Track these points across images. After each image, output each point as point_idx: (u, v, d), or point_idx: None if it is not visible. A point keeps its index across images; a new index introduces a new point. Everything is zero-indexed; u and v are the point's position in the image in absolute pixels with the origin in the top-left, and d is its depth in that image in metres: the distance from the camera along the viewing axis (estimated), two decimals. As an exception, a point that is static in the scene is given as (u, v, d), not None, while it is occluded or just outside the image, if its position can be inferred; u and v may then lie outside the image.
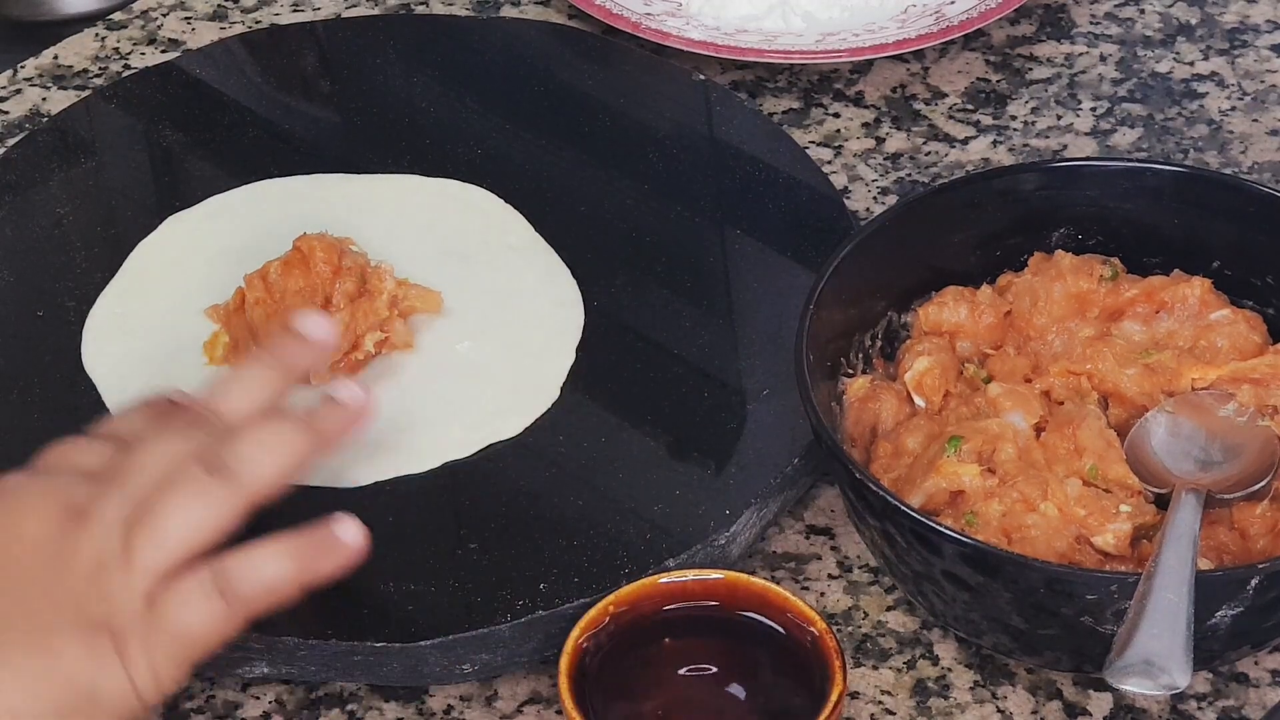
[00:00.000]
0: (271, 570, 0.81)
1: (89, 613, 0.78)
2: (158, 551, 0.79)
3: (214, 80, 1.18)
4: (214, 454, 0.81)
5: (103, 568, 0.79)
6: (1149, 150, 1.16)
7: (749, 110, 1.15)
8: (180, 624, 0.79)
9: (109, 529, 0.80)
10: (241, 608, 0.81)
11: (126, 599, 0.79)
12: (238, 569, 0.81)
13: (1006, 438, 0.90)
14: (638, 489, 0.94)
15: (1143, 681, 0.77)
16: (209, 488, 0.81)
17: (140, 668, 0.79)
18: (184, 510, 0.80)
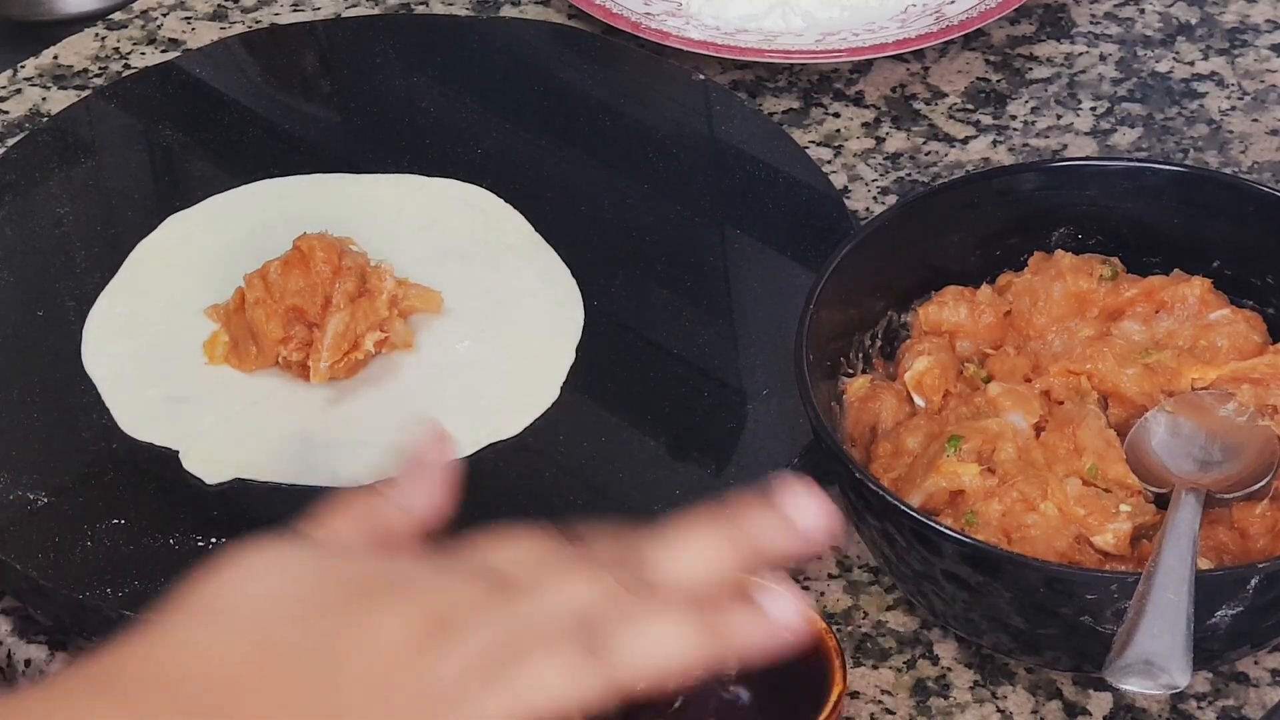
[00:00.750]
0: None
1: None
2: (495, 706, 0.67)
3: (214, 80, 1.18)
4: (602, 630, 0.68)
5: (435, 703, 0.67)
6: (1149, 150, 1.16)
7: (749, 110, 1.15)
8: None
9: (461, 663, 0.67)
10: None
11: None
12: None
13: (1006, 437, 0.90)
14: (638, 489, 0.94)
15: (1143, 681, 0.77)
16: (580, 669, 0.68)
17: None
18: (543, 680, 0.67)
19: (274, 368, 0.99)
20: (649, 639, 0.68)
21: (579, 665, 0.67)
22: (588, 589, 0.69)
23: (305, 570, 0.69)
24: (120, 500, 0.93)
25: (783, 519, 0.70)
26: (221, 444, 0.96)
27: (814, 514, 0.70)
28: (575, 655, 0.67)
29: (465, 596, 0.69)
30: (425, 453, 0.75)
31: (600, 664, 0.67)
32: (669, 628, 0.68)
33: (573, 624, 0.68)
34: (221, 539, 0.91)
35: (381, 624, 0.67)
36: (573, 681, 0.67)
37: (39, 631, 0.92)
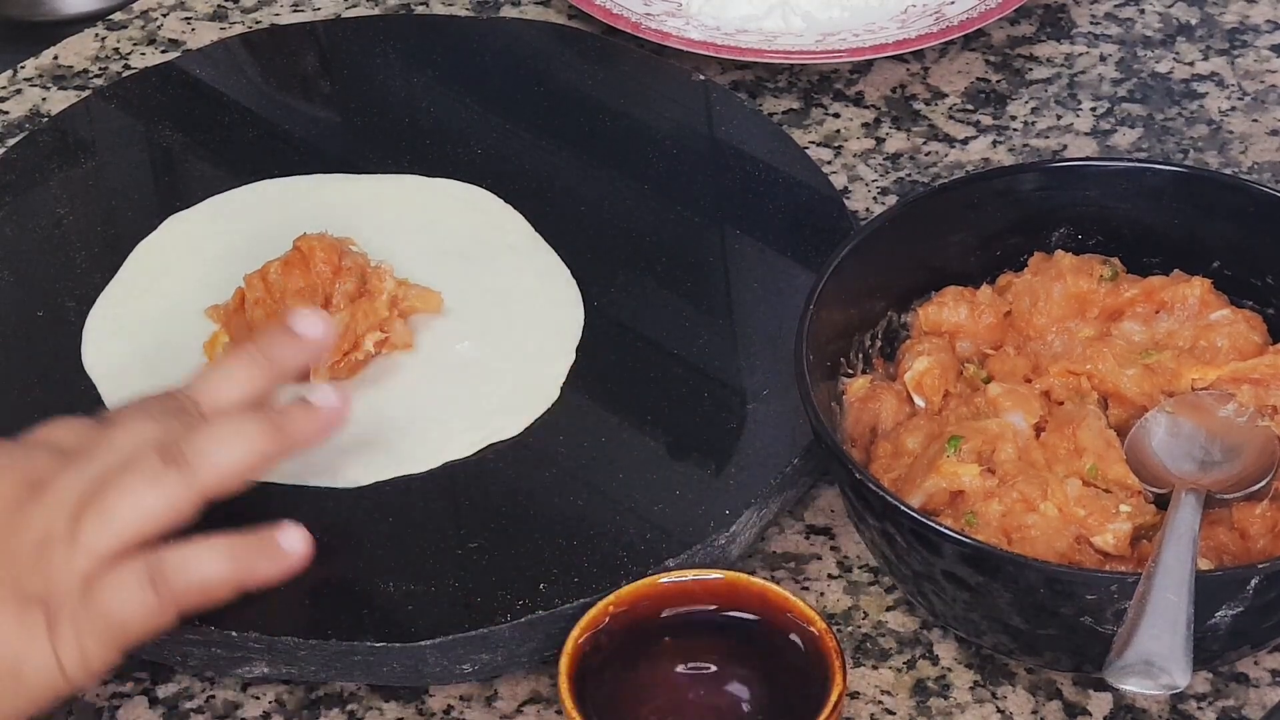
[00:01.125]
0: (207, 568, 0.82)
1: (27, 586, 0.79)
2: (102, 533, 0.80)
3: (214, 80, 1.18)
4: (174, 444, 0.82)
5: (47, 543, 0.80)
6: (1149, 150, 1.16)
7: (749, 110, 1.15)
8: (112, 609, 0.80)
9: (61, 504, 0.80)
10: (173, 602, 0.81)
11: (65, 577, 0.79)
12: (174, 563, 0.81)
13: (1006, 438, 0.90)
14: (638, 489, 0.94)
15: (1143, 681, 0.77)
16: (165, 477, 0.81)
17: (69, 647, 0.79)
18: (134, 496, 0.81)
19: (274, 368, 0.99)
20: (218, 440, 0.82)
21: (161, 477, 0.80)
22: (153, 424, 0.82)
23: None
24: (120, 500, 0.93)
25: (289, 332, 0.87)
26: (221, 444, 0.96)
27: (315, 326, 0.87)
28: (155, 469, 0.80)
29: (46, 462, 0.81)
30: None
31: (180, 471, 0.80)
32: (232, 427, 0.82)
33: (146, 449, 0.81)
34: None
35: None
36: (159, 492, 0.80)
37: (39, 631, 0.92)
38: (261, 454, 0.84)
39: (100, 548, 0.80)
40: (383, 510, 0.93)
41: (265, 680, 0.90)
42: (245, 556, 0.83)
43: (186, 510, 0.82)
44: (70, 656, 0.80)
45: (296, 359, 0.89)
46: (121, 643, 0.81)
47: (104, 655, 0.81)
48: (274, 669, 0.89)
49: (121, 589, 0.80)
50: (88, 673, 0.81)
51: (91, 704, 0.89)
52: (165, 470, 0.81)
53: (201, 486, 0.82)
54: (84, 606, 0.79)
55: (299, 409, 0.86)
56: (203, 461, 0.82)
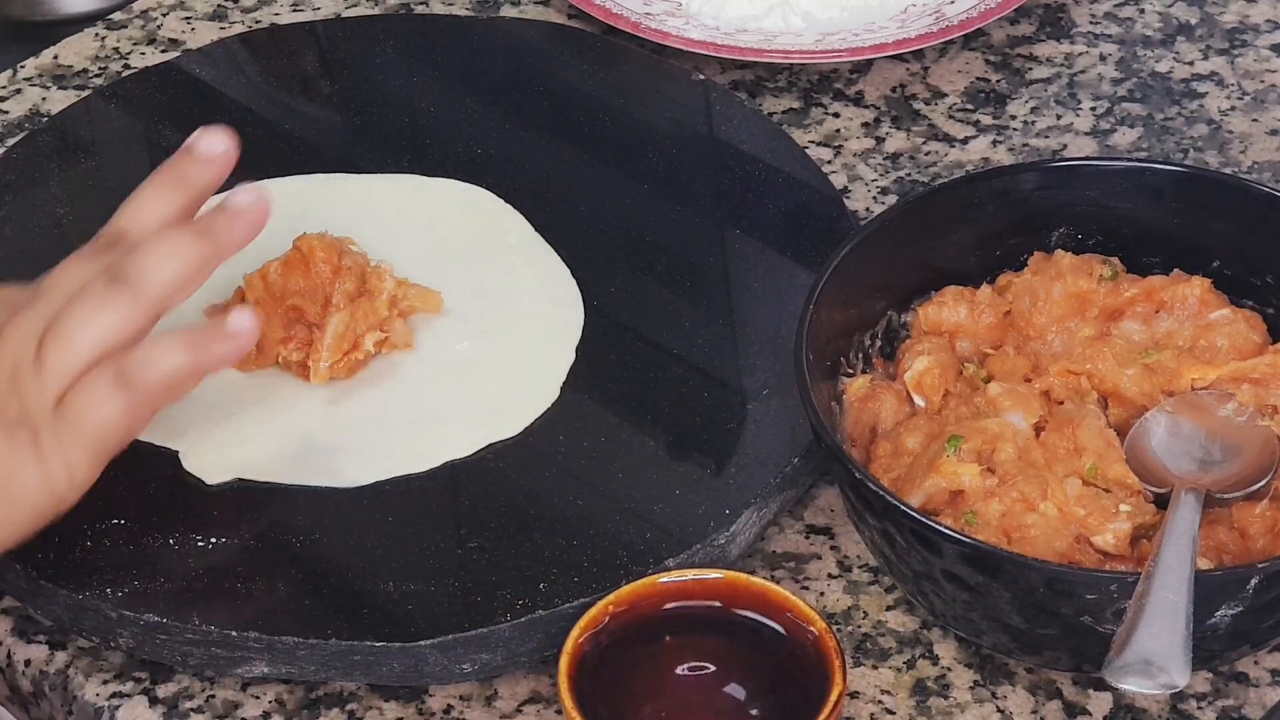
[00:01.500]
0: (169, 360, 0.86)
1: (6, 412, 0.84)
2: (67, 356, 0.85)
3: (214, 80, 1.18)
4: (116, 267, 0.86)
5: (17, 374, 0.85)
6: (1149, 150, 1.16)
7: (749, 110, 1.15)
8: (88, 417, 0.84)
9: (22, 341, 0.85)
10: (144, 398, 0.86)
11: (38, 399, 0.84)
12: (137, 361, 0.85)
13: (1006, 437, 0.90)
14: (638, 489, 0.94)
15: (1142, 681, 0.77)
16: (112, 296, 0.85)
17: (54, 461, 0.84)
18: (90, 318, 0.85)
19: (274, 368, 0.99)
20: (156, 254, 0.86)
21: (109, 296, 0.85)
22: (90, 261, 0.87)
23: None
24: (120, 500, 0.93)
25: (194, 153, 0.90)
26: (221, 444, 0.96)
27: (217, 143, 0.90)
28: (103, 291, 0.85)
29: (5, 303, 0.88)
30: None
31: (128, 288, 0.85)
32: (166, 241, 0.86)
33: (92, 277, 0.86)
34: (221, 539, 0.91)
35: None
36: (112, 311, 0.85)
37: (39, 631, 0.92)
38: (199, 260, 0.87)
39: (66, 369, 0.85)
40: (383, 510, 0.93)
41: (265, 680, 0.90)
42: (201, 342, 0.87)
43: (141, 324, 0.86)
44: (57, 470, 0.84)
45: (205, 176, 0.91)
46: (102, 448, 0.85)
47: (88, 465, 0.85)
48: (274, 669, 0.89)
49: (92, 395, 0.84)
50: (73, 484, 0.85)
51: (91, 704, 0.89)
52: (112, 289, 0.85)
53: (150, 299, 0.86)
54: (61, 422, 0.84)
55: (223, 214, 0.89)
56: (145, 275, 0.86)
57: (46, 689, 0.91)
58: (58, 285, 0.87)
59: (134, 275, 0.86)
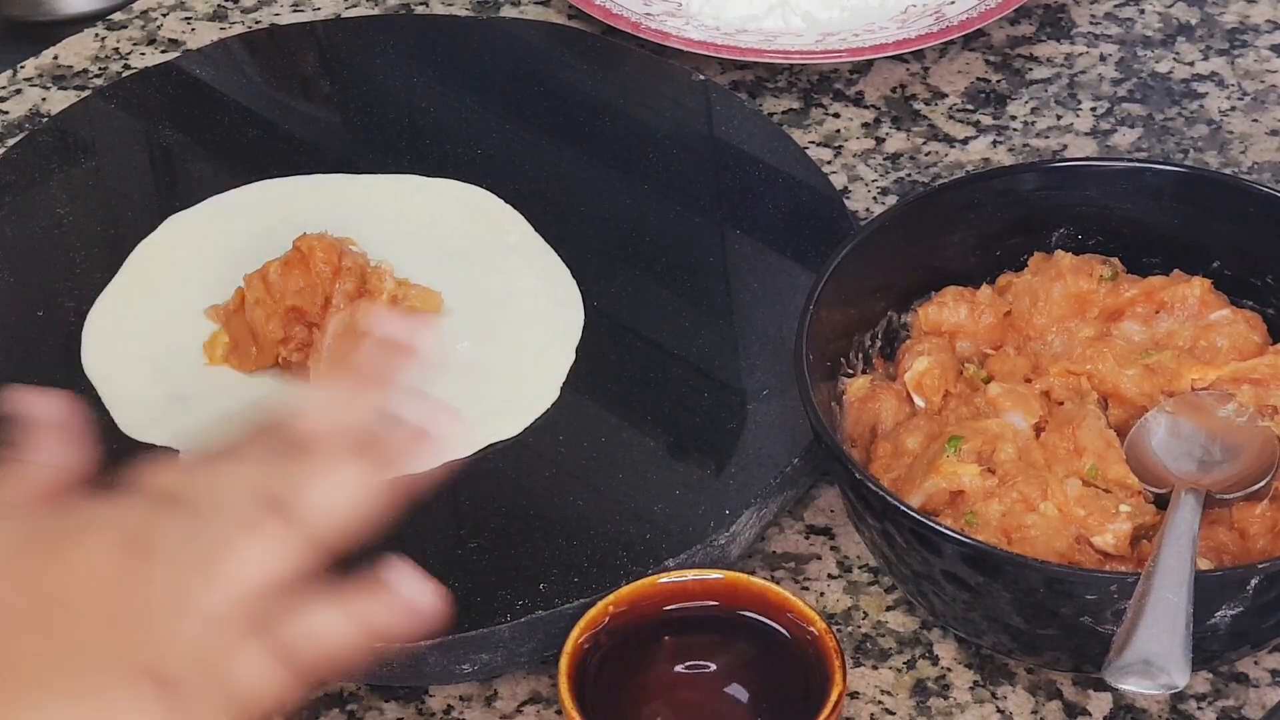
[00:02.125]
0: (334, 637, 0.73)
1: (139, 658, 0.71)
2: (214, 598, 0.72)
3: (214, 80, 1.18)
4: (282, 496, 0.73)
5: (156, 610, 0.72)
6: (1149, 150, 1.16)
7: (749, 110, 1.15)
8: (239, 688, 0.72)
9: (168, 568, 0.72)
10: (301, 674, 0.73)
11: (179, 647, 0.71)
12: (302, 635, 0.72)
13: (1006, 438, 0.90)
14: (638, 489, 0.94)
15: (1142, 681, 0.77)
16: (275, 532, 0.73)
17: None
18: (244, 555, 0.72)
19: (274, 368, 0.99)
20: (328, 486, 0.73)
21: (277, 533, 0.71)
22: (253, 468, 0.73)
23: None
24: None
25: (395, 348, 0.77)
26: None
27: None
28: (269, 525, 0.71)
29: (146, 515, 0.72)
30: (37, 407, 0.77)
31: (295, 525, 0.72)
32: (340, 469, 0.73)
33: (255, 501, 0.72)
34: (221, 539, 0.91)
35: (80, 559, 0.70)
36: (277, 549, 0.71)
37: (39, 631, 0.92)
38: (371, 495, 0.75)
39: (214, 612, 0.72)
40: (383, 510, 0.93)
41: (265, 680, 0.90)
42: (374, 618, 0.74)
43: (300, 564, 0.73)
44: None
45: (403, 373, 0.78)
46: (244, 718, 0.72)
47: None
48: (274, 669, 0.89)
49: (250, 668, 0.71)
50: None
51: (91, 704, 0.89)
52: (281, 528, 0.73)
53: (313, 538, 0.73)
54: (207, 683, 0.71)
55: (406, 438, 0.76)
56: (319, 513, 0.73)
57: (46, 689, 0.91)
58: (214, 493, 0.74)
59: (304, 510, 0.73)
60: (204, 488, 0.74)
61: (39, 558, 0.71)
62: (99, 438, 0.96)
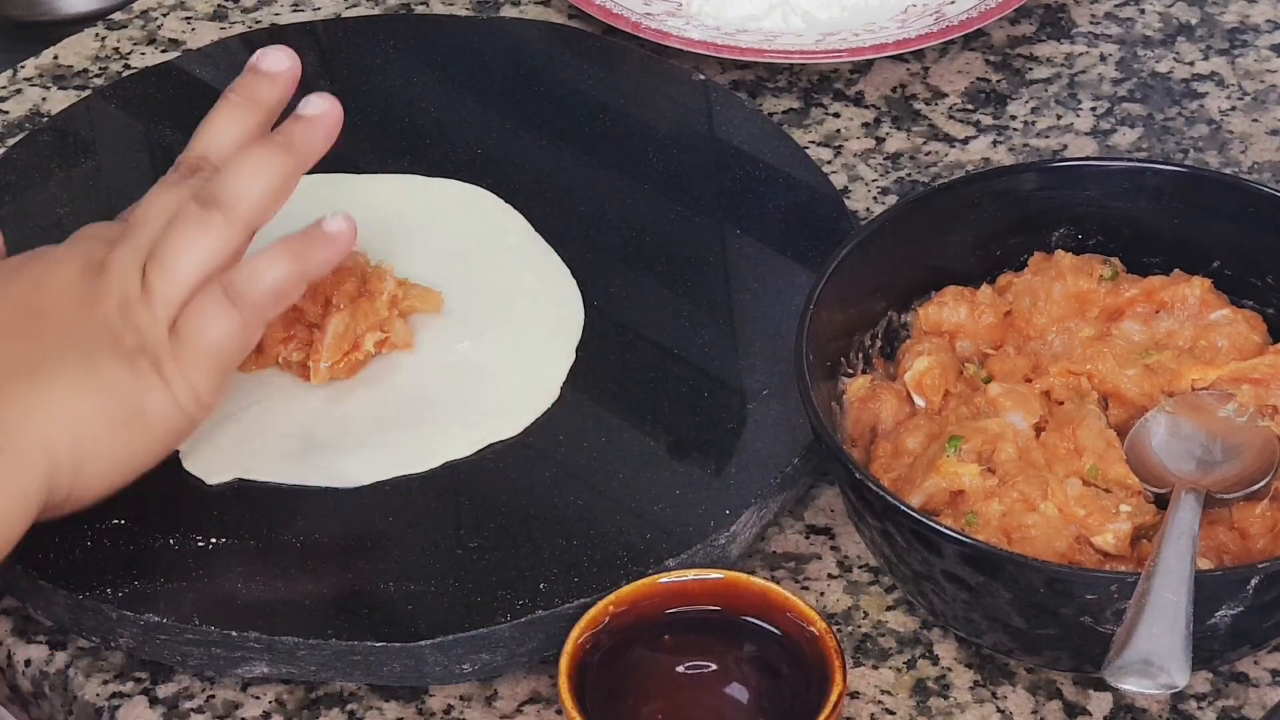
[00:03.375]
0: (274, 271, 0.89)
1: (124, 343, 0.87)
2: (172, 284, 0.87)
3: (214, 80, 1.18)
4: (206, 190, 0.89)
5: (127, 306, 0.88)
6: (1149, 150, 1.16)
7: (749, 110, 1.15)
8: (204, 337, 0.88)
9: (127, 273, 0.88)
10: (254, 311, 0.89)
11: (153, 327, 0.87)
12: (242, 277, 0.88)
13: (1006, 438, 0.90)
14: (638, 489, 0.94)
15: (1141, 681, 0.77)
16: (208, 219, 0.88)
17: (178, 384, 0.88)
18: (188, 244, 0.88)
19: (274, 368, 0.99)
20: (243, 175, 0.89)
21: (205, 220, 0.88)
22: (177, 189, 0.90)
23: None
24: (120, 500, 0.92)
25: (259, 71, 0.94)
26: (221, 444, 0.96)
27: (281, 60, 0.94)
28: (198, 216, 0.88)
29: (97, 246, 0.90)
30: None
31: (220, 211, 0.88)
32: (250, 160, 0.89)
33: (183, 204, 0.88)
34: (221, 539, 0.91)
35: (52, 282, 0.89)
36: (209, 234, 0.88)
37: (39, 631, 0.92)
38: (284, 172, 0.90)
39: (174, 295, 0.87)
40: (383, 510, 0.93)
41: (265, 680, 0.90)
42: (301, 250, 0.90)
43: (238, 243, 0.89)
44: (183, 392, 0.88)
45: (273, 94, 0.94)
46: (222, 365, 0.89)
47: (211, 383, 0.89)
48: (274, 669, 0.89)
49: (204, 316, 0.87)
50: (201, 404, 0.89)
51: (91, 704, 0.89)
52: (207, 214, 0.88)
53: (243, 217, 0.89)
54: (179, 346, 0.87)
55: (298, 124, 0.92)
56: (236, 195, 0.89)
57: (46, 689, 0.91)
58: (150, 215, 0.90)
59: (224, 196, 0.88)
60: (139, 215, 0.90)
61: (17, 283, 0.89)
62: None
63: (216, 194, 0.89)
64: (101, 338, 0.87)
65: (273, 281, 0.89)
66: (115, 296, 0.88)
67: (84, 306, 0.88)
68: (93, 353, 0.87)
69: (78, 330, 0.88)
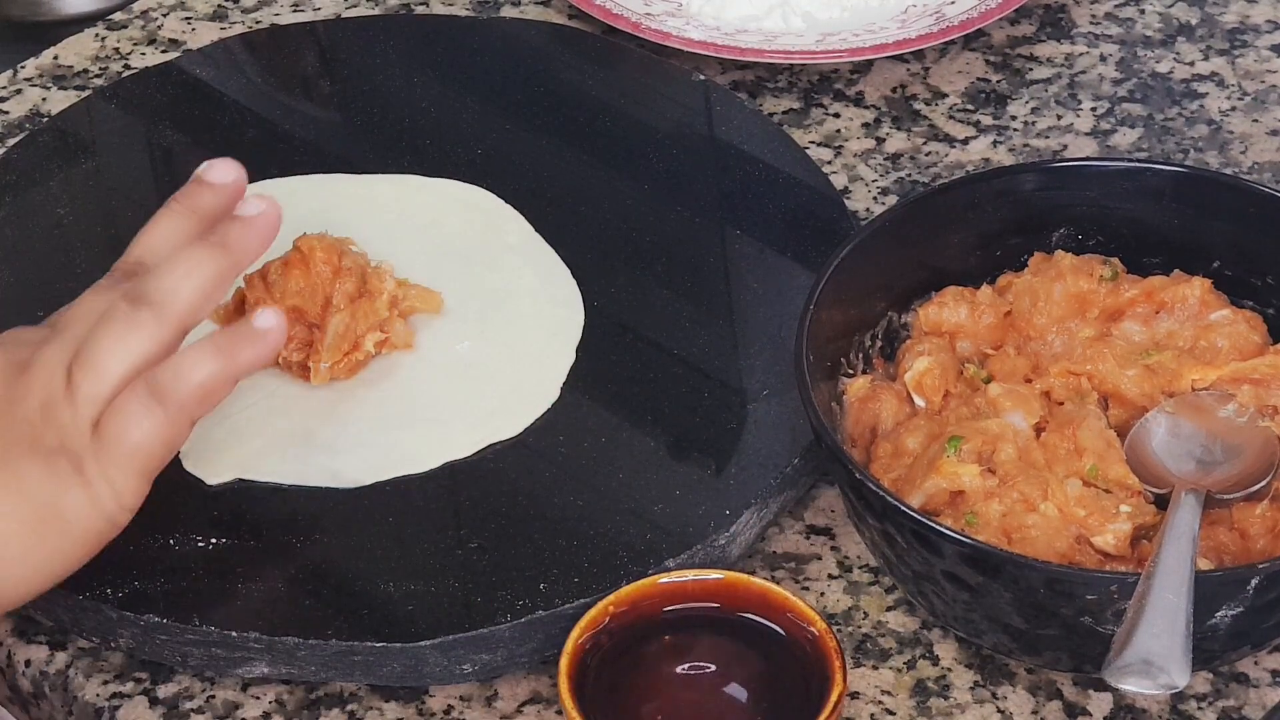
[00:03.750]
0: (199, 369, 0.86)
1: (43, 443, 0.84)
2: (98, 382, 0.85)
3: (214, 80, 1.18)
4: (137, 289, 0.87)
5: (50, 405, 0.85)
6: (1149, 150, 1.16)
7: (749, 110, 1.15)
8: (126, 437, 0.84)
9: (51, 372, 0.85)
10: (180, 411, 0.85)
11: (75, 426, 0.84)
12: (168, 375, 0.85)
13: (1006, 438, 0.90)
14: (638, 489, 0.94)
15: (1142, 681, 0.77)
16: (137, 318, 0.86)
17: (99, 485, 0.84)
18: (116, 341, 0.85)
19: (274, 368, 0.99)
20: (175, 274, 0.87)
21: (134, 318, 0.85)
22: (110, 291, 0.88)
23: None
24: (120, 500, 0.93)
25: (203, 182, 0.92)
26: (221, 444, 0.96)
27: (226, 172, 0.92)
28: (127, 314, 0.85)
29: (22, 349, 0.87)
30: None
31: (150, 309, 0.85)
32: (183, 260, 0.87)
33: (113, 304, 0.86)
34: (221, 539, 0.91)
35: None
36: (139, 333, 0.85)
37: (39, 631, 0.92)
38: (218, 273, 0.88)
39: (99, 394, 0.85)
40: (383, 510, 0.93)
41: (265, 680, 0.90)
42: (229, 347, 0.87)
43: (168, 343, 0.86)
44: (104, 493, 0.84)
45: (216, 203, 0.91)
46: (145, 466, 0.85)
47: (134, 484, 0.85)
48: (274, 669, 0.89)
49: (127, 414, 0.84)
50: (123, 506, 0.85)
51: (91, 704, 0.89)
52: (136, 311, 0.86)
53: (174, 316, 0.87)
54: (101, 445, 0.84)
55: (236, 224, 0.90)
56: (167, 294, 0.86)
57: (46, 689, 0.91)
58: (78, 316, 0.87)
59: (155, 295, 0.86)
60: (68, 316, 0.88)
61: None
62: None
63: (148, 293, 0.86)
64: (20, 436, 0.84)
65: (200, 380, 0.86)
66: (37, 396, 0.85)
67: (3, 405, 0.85)
68: (8, 451, 0.84)
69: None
